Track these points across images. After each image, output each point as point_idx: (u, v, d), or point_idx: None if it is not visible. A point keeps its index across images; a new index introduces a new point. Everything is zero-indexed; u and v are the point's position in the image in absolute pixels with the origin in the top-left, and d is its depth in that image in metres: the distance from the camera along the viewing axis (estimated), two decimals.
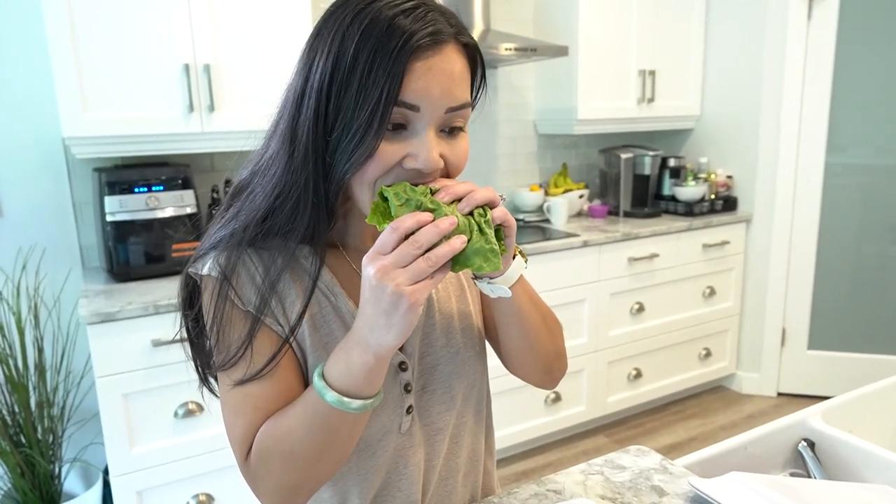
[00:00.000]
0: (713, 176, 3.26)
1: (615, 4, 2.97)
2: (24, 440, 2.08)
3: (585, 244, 2.73)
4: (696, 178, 3.25)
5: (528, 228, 2.97)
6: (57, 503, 2.13)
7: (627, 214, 3.21)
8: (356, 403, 0.68)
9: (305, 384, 0.79)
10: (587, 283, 2.79)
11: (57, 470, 2.17)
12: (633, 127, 3.21)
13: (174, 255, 2.16)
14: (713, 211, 3.20)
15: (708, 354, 3.27)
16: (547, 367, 0.90)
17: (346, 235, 0.83)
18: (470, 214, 0.68)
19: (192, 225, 2.16)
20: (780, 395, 3.32)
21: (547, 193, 3.26)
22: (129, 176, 2.12)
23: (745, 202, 3.26)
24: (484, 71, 0.76)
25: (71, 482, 2.30)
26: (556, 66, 3.05)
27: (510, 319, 0.84)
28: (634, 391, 3.06)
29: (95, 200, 2.22)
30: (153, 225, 2.13)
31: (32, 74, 2.19)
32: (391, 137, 0.68)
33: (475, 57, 0.74)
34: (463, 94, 0.71)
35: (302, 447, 0.70)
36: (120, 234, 2.10)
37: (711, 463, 1.06)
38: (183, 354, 0.84)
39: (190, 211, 2.18)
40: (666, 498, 0.89)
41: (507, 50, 2.59)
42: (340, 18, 0.68)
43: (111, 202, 2.08)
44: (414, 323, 0.64)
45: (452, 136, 0.72)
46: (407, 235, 0.63)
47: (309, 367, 0.78)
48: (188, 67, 2.10)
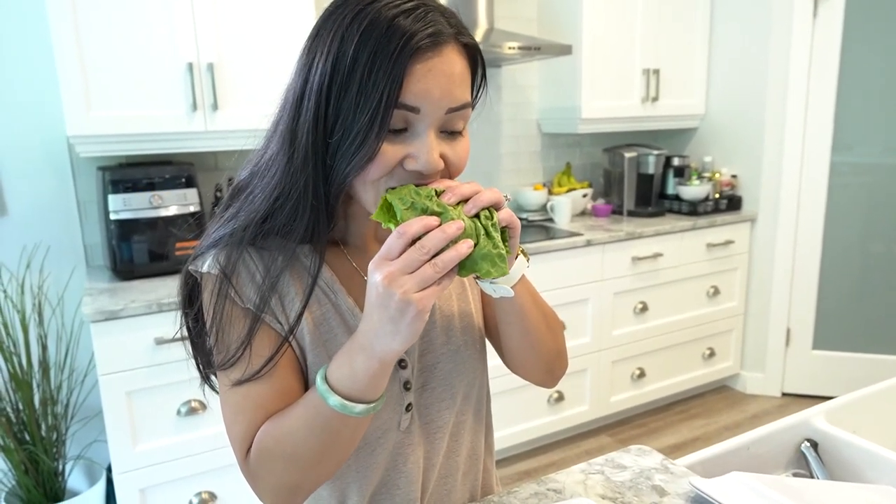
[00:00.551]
0: (717, 175, 3.25)
1: (619, 3, 2.97)
2: (28, 437, 2.09)
3: (589, 243, 2.72)
4: (700, 177, 3.24)
5: (531, 227, 2.96)
6: (61, 500, 2.13)
7: (631, 214, 3.21)
8: (359, 408, 0.68)
9: (305, 383, 0.79)
10: (591, 282, 2.79)
11: (61, 467, 2.18)
12: (637, 126, 3.20)
13: (177, 253, 2.16)
14: (717, 210, 3.19)
15: (712, 354, 3.26)
16: (548, 366, 0.90)
17: (347, 234, 0.83)
18: (476, 216, 0.67)
19: (195, 223, 2.16)
20: (784, 395, 3.31)
21: (550, 192, 3.26)
22: (132, 174, 2.12)
23: (749, 201, 3.25)
24: (484, 71, 0.76)
25: (74, 479, 2.30)
26: (559, 64, 3.05)
27: (512, 319, 0.84)
28: (638, 391, 3.06)
29: (99, 199, 2.22)
30: (157, 223, 2.13)
31: (37, 74, 2.20)
32: (392, 139, 0.68)
33: (475, 57, 0.73)
34: (463, 94, 0.71)
35: (303, 448, 0.70)
36: (123, 232, 2.10)
37: (713, 463, 1.05)
38: (185, 353, 0.84)
39: (193, 209, 2.19)
40: (667, 498, 0.88)
41: (510, 49, 2.58)
42: (339, 19, 0.67)
43: (115, 200, 2.08)
44: (420, 329, 0.64)
45: (453, 136, 0.72)
46: (414, 240, 0.63)
47: (309, 364, 0.78)
48: (192, 66, 2.10)
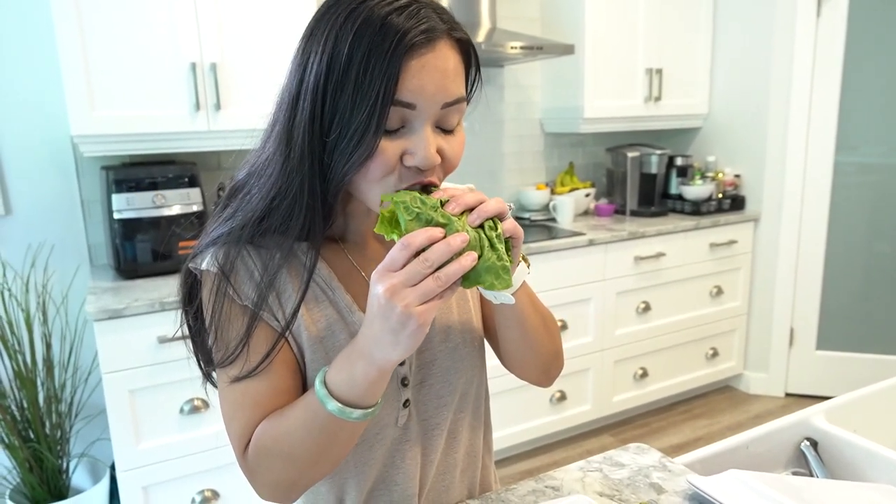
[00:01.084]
0: (721, 175, 3.24)
1: (621, 2, 2.96)
2: (32, 435, 2.10)
3: (591, 243, 2.72)
4: (703, 176, 3.23)
5: (533, 227, 2.97)
6: (65, 498, 2.14)
7: (634, 213, 3.20)
8: (357, 413, 0.68)
9: (302, 381, 0.79)
10: (593, 281, 2.78)
11: (65, 465, 2.19)
12: (640, 125, 3.20)
13: (180, 252, 2.17)
14: (721, 210, 3.19)
15: (715, 354, 3.26)
16: (545, 366, 0.91)
17: (346, 231, 0.83)
18: (480, 227, 0.67)
19: (198, 223, 2.17)
20: (787, 395, 3.30)
21: (553, 192, 3.26)
22: (136, 174, 2.13)
23: (753, 201, 3.25)
24: (478, 64, 0.76)
25: (78, 477, 2.31)
26: (562, 64, 3.05)
27: (511, 323, 0.84)
28: (640, 391, 3.05)
29: (103, 198, 2.23)
30: (160, 222, 2.14)
31: (41, 74, 2.21)
32: (389, 136, 0.68)
33: (468, 51, 0.74)
34: (458, 89, 0.71)
35: (300, 449, 0.71)
36: (127, 231, 2.11)
37: (712, 461, 1.05)
38: (187, 351, 0.84)
39: (196, 209, 2.20)
40: (664, 495, 0.88)
41: (513, 48, 2.58)
42: (333, 18, 0.67)
43: (118, 200, 2.09)
44: (420, 341, 0.64)
45: (448, 131, 0.72)
46: (418, 252, 0.63)
47: (307, 362, 0.78)
48: (195, 66, 2.11)
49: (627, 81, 3.07)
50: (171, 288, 2.02)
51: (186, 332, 0.83)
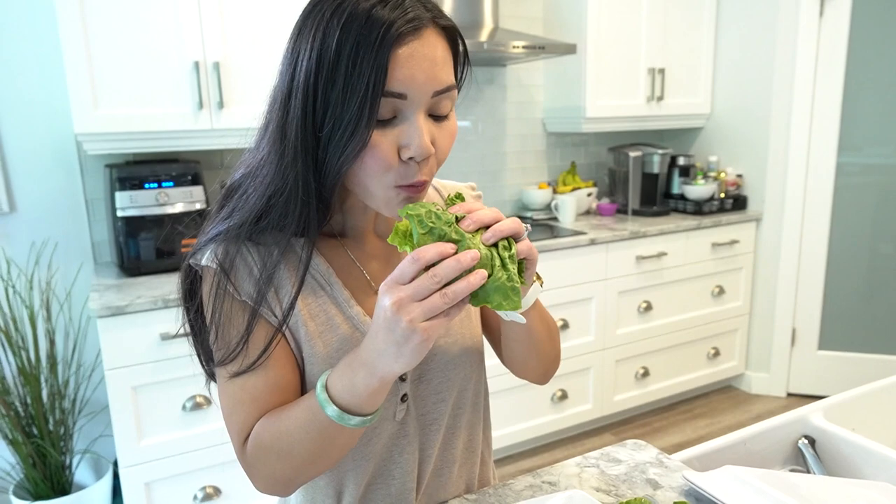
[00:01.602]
0: (723, 174, 3.24)
1: (624, 2, 2.97)
2: (35, 431, 2.12)
3: (593, 242, 2.73)
4: (705, 176, 3.23)
5: (535, 226, 2.97)
6: (68, 493, 2.16)
7: (636, 213, 3.21)
8: (355, 420, 0.69)
9: (301, 377, 0.80)
10: (595, 281, 2.79)
11: (68, 461, 2.21)
12: (642, 125, 3.20)
13: (183, 250, 2.18)
14: (723, 210, 3.19)
15: (717, 354, 3.26)
16: (546, 370, 0.93)
17: (345, 227, 0.84)
18: (494, 246, 0.67)
19: (201, 220, 2.18)
20: (789, 395, 3.30)
21: (555, 191, 3.26)
22: (139, 172, 2.14)
23: (755, 201, 3.25)
24: (466, 51, 0.76)
25: (81, 473, 2.33)
26: (564, 64, 3.05)
27: (519, 336, 0.86)
28: (642, 390, 3.06)
29: (107, 196, 2.25)
30: (163, 220, 2.15)
31: (45, 72, 2.22)
32: (383, 129, 0.69)
33: (455, 38, 0.74)
34: (447, 76, 0.71)
35: (298, 448, 0.72)
36: (130, 229, 2.13)
37: (709, 458, 1.06)
38: (189, 348, 0.85)
39: (199, 207, 2.21)
40: (660, 491, 0.89)
41: (515, 48, 2.59)
42: (319, 16, 0.68)
43: (122, 198, 2.11)
44: (423, 355, 0.64)
45: (440, 119, 0.73)
46: (428, 266, 0.63)
47: (305, 357, 0.79)
48: (198, 65, 2.12)
49: (630, 81, 3.07)
50: (173, 285, 2.01)
51: (188, 329, 0.83)
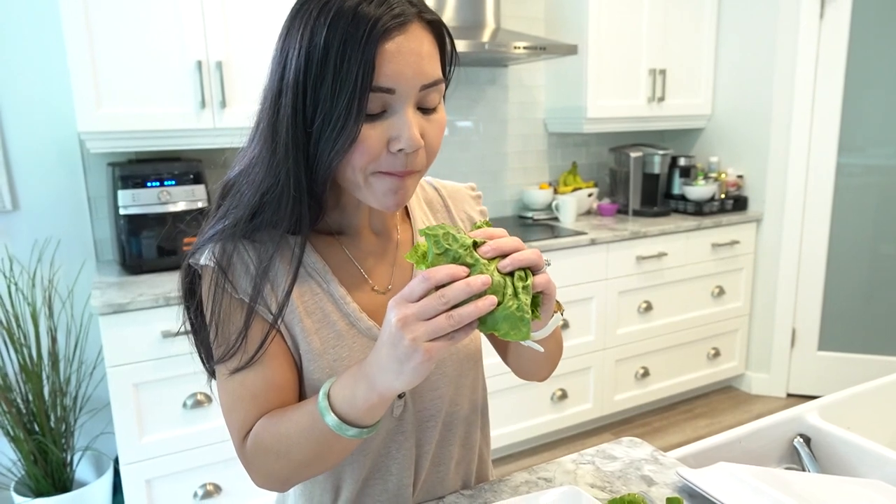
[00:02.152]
0: (723, 175, 3.25)
1: (625, 3, 2.97)
2: (37, 428, 2.13)
3: (593, 242, 2.73)
4: (706, 177, 3.24)
5: (536, 226, 2.98)
6: (68, 490, 2.17)
7: (637, 213, 3.21)
8: (352, 431, 0.70)
9: (299, 373, 0.82)
10: (595, 281, 2.80)
11: (69, 458, 2.22)
12: (643, 126, 3.20)
13: (185, 248, 2.19)
14: (723, 210, 3.19)
15: (717, 354, 3.26)
16: (546, 373, 0.95)
17: (341, 224, 0.85)
18: (510, 274, 0.66)
19: (203, 219, 2.19)
20: (789, 396, 3.30)
21: (556, 192, 3.27)
22: (142, 170, 2.16)
23: (755, 202, 3.25)
24: (453, 44, 0.77)
25: (82, 470, 2.34)
26: (566, 64, 3.06)
27: (532, 356, 0.88)
28: (642, 390, 3.06)
29: (109, 194, 2.26)
30: (165, 219, 2.16)
31: (49, 71, 2.24)
32: (372, 123, 0.70)
33: (441, 32, 0.75)
34: (434, 70, 0.72)
35: (296, 451, 0.74)
36: (132, 227, 2.14)
37: (705, 456, 1.07)
38: (190, 346, 0.87)
39: (201, 205, 2.22)
40: (654, 487, 0.90)
41: (516, 48, 2.60)
42: (306, 15, 0.70)
43: (124, 196, 2.12)
44: (424, 375, 0.64)
45: (429, 112, 0.74)
46: (438, 287, 0.63)
47: (301, 353, 0.80)
48: (200, 64, 2.13)
49: (631, 82, 3.08)
50: (175, 283, 2.01)
51: (189, 328, 0.85)
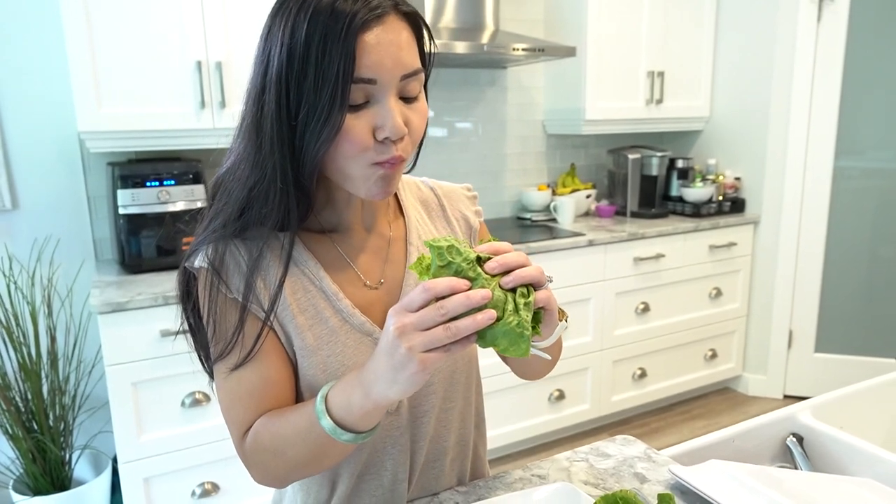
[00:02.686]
0: (721, 177, 3.26)
1: (624, 5, 2.99)
2: (36, 427, 2.14)
3: (591, 243, 2.74)
4: (703, 179, 3.25)
5: (534, 227, 2.99)
6: (67, 489, 2.18)
7: (634, 215, 3.22)
8: (347, 436, 0.71)
9: (294, 370, 0.83)
10: (593, 282, 2.81)
11: (67, 456, 2.23)
12: (641, 128, 3.21)
13: (184, 248, 2.20)
14: (721, 212, 3.20)
15: (714, 355, 3.27)
16: (545, 373, 0.96)
17: (332, 222, 0.86)
18: (512, 290, 0.67)
19: (198, 220, 2.20)
20: (786, 397, 3.31)
21: (554, 193, 3.28)
22: (141, 170, 2.16)
23: (753, 204, 3.26)
24: (430, 35, 0.80)
25: (81, 469, 2.35)
26: (565, 66, 3.07)
27: (533, 359, 0.88)
28: (639, 391, 3.07)
29: (109, 194, 2.27)
30: (164, 218, 2.17)
31: (50, 71, 2.25)
32: (357, 114, 0.72)
33: (418, 23, 0.77)
34: (413, 60, 0.75)
35: (293, 451, 0.75)
36: (132, 226, 2.15)
37: (698, 454, 1.07)
38: (189, 346, 0.88)
39: (200, 205, 2.23)
40: (647, 484, 0.91)
41: (515, 50, 2.61)
42: (286, 13, 0.72)
43: (124, 195, 2.13)
44: (419, 385, 0.65)
45: (411, 100, 0.76)
46: (439, 298, 0.64)
47: (297, 350, 0.82)
48: (200, 65, 2.15)
49: (629, 84, 3.09)
50: (174, 282, 2.05)
51: (187, 328, 0.87)
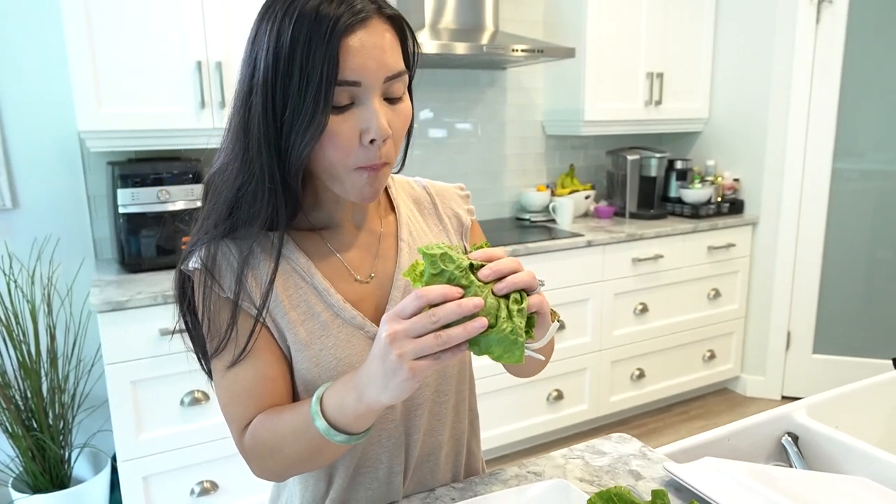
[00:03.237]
0: (720, 179, 3.27)
1: (623, 7, 3.00)
2: (35, 425, 2.14)
3: (589, 244, 2.75)
4: (702, 180, 3.26)
5: (533, 228, 3.00)
6: (66, 487, 2.18)
7: (633, 216, 3.23)
8: (340, 437, 0.72)
9: (289, 366, 0.84)
10: (591, 282, 2.81)
11: (67, 455, 2.23)
12: (640, 129, 3.22)
13: (184, 247, 2.20)
14: (719, 213, 3.21)
15: (712, 356, 3.28)
16: (538, 371, 0.97)
17: (322, 221, 0.88)
18: (505, 297, 0.67)
19: (192, 221, 2.21)
20: (784, 398, 3.32)
21: (553, 194, 3.29)
22: (141, 169, 2.17)
23: (751, 205, 3.27)
24: (414, 37, 0.81)
25: (80, 467, 2.35)
26: (564, 67, 3.08)
27: (528, 362, 0.88)
28: (638, 391, 3.08)
29: (109, 193, 2.28)
30: (164, 218, 2.18)
31: (50, 71, 2.26)
32: (343, 115, 0.74)
33: (402, 26, 0.79)
34: (396, 62, 0.76)
35: (289, 449, 0.77)
36: (132, 226, 2.15)
37: (693, 453, 1.08)
38: (187, 347, 0.90)
39: (200, 205, 2.23)
40: (642, 482, 0.91)
41: (514, 51, 2.62)
42: (272, 18, 0.74)
43: (124, 195, 2.13)
44: (409, 391, 0.66)
45: (395, 101, 0.78)
46: (432, 306, 0.64)
47: (290, 345, 0.83)
48: (200, 64, 2.15)
49: (628, 85, 3.10)
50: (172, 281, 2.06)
51: (186, 333, 0.88)
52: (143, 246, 2.18)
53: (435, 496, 0.90)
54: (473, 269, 0.68)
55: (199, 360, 0.89)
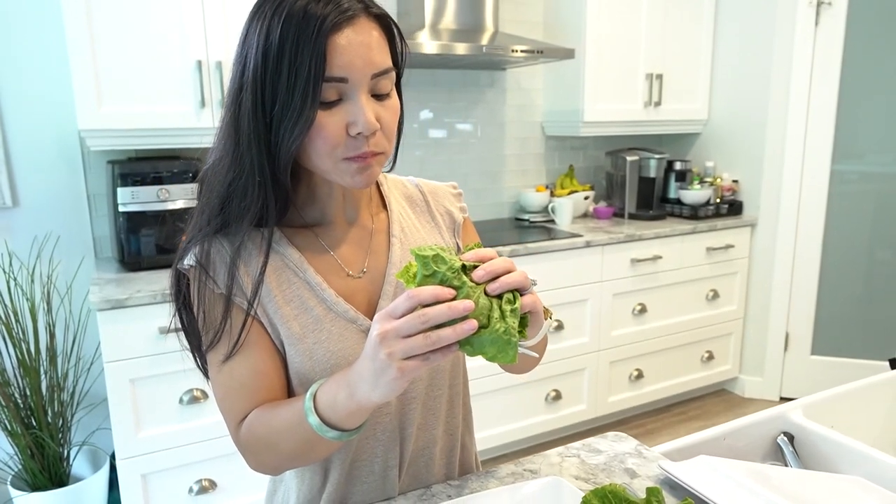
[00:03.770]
0: (719, 180, 3.27)
1: (623, 8, 3.00)
2: (34, 423, 2.15)
3: (588, 244, 2.76)
4: (701, 181, 3.27)
5: (532, 228, 3.00)
6: (65, 485, 2.18)
7: (632, 216, 3.24)
8: (332, 434, 0.73)
9: (283, 360, 0.85)
10: (590, 283, 2.82)
11: (66, 453, 2.24)
12: (640, 130, 3.23)
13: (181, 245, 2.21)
14: (718, 215, 3.22)
15: (710, 357, 3.28)
16: (531, 368, 0.97)
17: (315, 217, 0.89)
18: (498, 297, 0.68)
19: (188, 219, 2.21)
20: (782, 399, 3.32)
21: (553, 194, 3.29)
22: (141, 168, 2.18)
23: (750, 206, 3.28)
24: (402, 35, 0.83)
25: (79, 465, 2.36)
26: (564, 68, 3.09)
27: (521, 359, 0.89)
28: (636, 392, 3.08)
29: (109, 192, 2.28)
30: (164, 216, 2.19)
31: (50, 70, 2.26)
32: (331, 111, 0.76)
33: (389, 25, 0.80)
34: (383, 59, 0.78)
35: (283, 445, 0.78)
36: (131, 224, 2.16)
37: (689, 451, 1.09)
38: (182, 347, 0.91)
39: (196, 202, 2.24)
40: (637, 479, 0.92)
41: (514, 52, 2.62)
42: (261, 18, 0.75)
43: (123, 193, 2.14)
44: (398, 391, 0.67)
45: (382, 98, 0.79)
46: (424, 306, 0.65)
47: (284, 339, 0.84)
48: (200, 64, 2.16)
49: (628, 86, 3.11)
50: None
51: (182, 331, 0.89)
52: (142, 244, 2.18)
53: (431, 493, 0.91)
54: (466, 270, 0.69)
55: (194, 358, 0.90)
